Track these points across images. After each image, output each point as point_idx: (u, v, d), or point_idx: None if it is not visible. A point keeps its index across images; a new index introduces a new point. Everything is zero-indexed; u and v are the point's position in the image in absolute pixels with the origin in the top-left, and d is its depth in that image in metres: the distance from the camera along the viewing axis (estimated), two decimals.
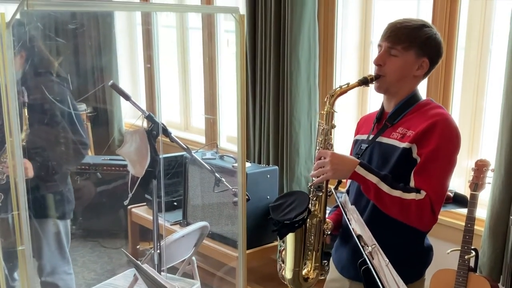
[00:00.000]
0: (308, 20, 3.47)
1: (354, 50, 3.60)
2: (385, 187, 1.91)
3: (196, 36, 4.75)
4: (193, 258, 3.22)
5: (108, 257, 4.45)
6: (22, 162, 1.04)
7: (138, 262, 2.03)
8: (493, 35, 2.97)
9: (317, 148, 2.08)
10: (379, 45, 2.05)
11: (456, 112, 3.12)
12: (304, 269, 2.06)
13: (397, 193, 1.90)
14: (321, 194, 2.03)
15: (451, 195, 2.93)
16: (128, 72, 5.45)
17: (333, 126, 2.06)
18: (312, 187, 2.05)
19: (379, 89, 2.06)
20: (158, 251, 2.60)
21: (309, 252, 2.05)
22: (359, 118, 2.37)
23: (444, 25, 2.98)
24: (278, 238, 2.06)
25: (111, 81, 2.51)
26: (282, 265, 2.08)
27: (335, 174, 1.96)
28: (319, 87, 3.61)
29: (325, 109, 2.04)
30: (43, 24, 2.77)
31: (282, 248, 2.07)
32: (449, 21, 2.98)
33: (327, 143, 2.05)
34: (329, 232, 2.08)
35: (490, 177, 2.65)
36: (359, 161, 1.97)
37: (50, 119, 2.79)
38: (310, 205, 2.02)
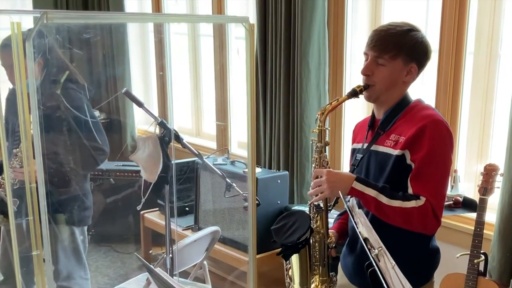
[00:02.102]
0: (318, 26, 3.50)
1: (363, 55, 3.62)
2: (384, 199, 1.90)
3: (207, 43, 4.80)
4: (205, 262, 3.25)
5: (121, 262, 4.49)
6: (42, 169, 1.08)
7: (151, 266, 2.07)
8: (502, 39, 2.98)
9: (313, 165, 2.07)
10: (365, 54, 2.03)
11: (465, 117, 3.13)
12: (312, 284, 2.05)
13: (397, 203, 1.90)
14: (321, 211, 2.04)
15: (460, 199, 2.95)
16: (140, 79, 5.49)
17: (326, 144, 2.04)
18: (312, 205, 2.05)
19: (369, 99, 2.04)
20: (171, 255, 2.63)
21: (316, 267, 2.05)
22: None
23: (452, 31, 3.00)
24: (284, 260, 2.07)
25: (125, 89, 2.55)
26: (291, 283, 2.09)
27: (333, 192, 1.95)
28: (329, 92, 3.63)
29: (317, 127, 2.03)
30: (57, 33, 2.81)
31: (289, 266, 2.07)
32: (458, 27, 2.99)
33: (322, 161, 2.03)
34: (333, 246, 2.07)
35: (499, 182, 2.66)
36: (355, 176, 1.97)
37: (66, 125, 2.82)
38: (312, 223, 2.02)
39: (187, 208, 4.14)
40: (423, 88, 3.17)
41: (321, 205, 2.03)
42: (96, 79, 5.13)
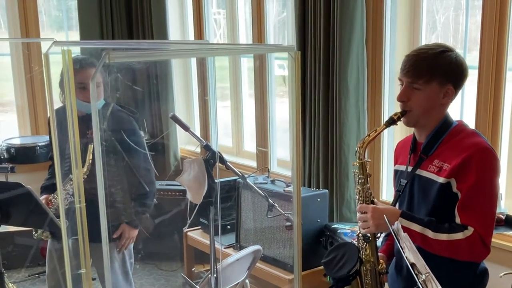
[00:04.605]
0: (357, 45, 3.54)
1: (398, 81, 3.63)
2: (430, 233, 1.90)
3: (247, 63, 4.88)
4: (247, 281, 3.27)
5: (164, 280, 4.56)
6: (103, 194, 1.14)
7: (197, 287, 2.12)
8: None
9: (357, 197, 2.09)
10: (400, 79, 2.01)
11: (506, 134, 3.11)
12: None
13: (443, 236, 1.89)
14: (369, 241, 2.06)
15: (503, 217, 2.92)
16: (182, 100, 5.58)
17: (368, 175, 2.05)
18: (359, 235, 2.08)
19: (408, 124, 2.04)
20: (215, 275, 2.67)
21: None
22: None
23: (492, 47, 2.98)
24: None
25: (172, 113, 2.62)
26: None
27: (378, 228, 1.99)
28: (368, 111, 3.66)
29: (358, 160, 2.05)
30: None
31: None
32: (498, 43, 2.98)
33: (366, 192, 2.05)
34: (385, 271, 2.08)
35: None
36: (400, 211, 1.97)
37: (117, 148, 2.93)
38: (361, 254, 2.04)
39: (228, 226, 4.18)
40: (463, 107, 3.17)
41: (369, 235, 2.06)
42: (141, 102, 5.23)
